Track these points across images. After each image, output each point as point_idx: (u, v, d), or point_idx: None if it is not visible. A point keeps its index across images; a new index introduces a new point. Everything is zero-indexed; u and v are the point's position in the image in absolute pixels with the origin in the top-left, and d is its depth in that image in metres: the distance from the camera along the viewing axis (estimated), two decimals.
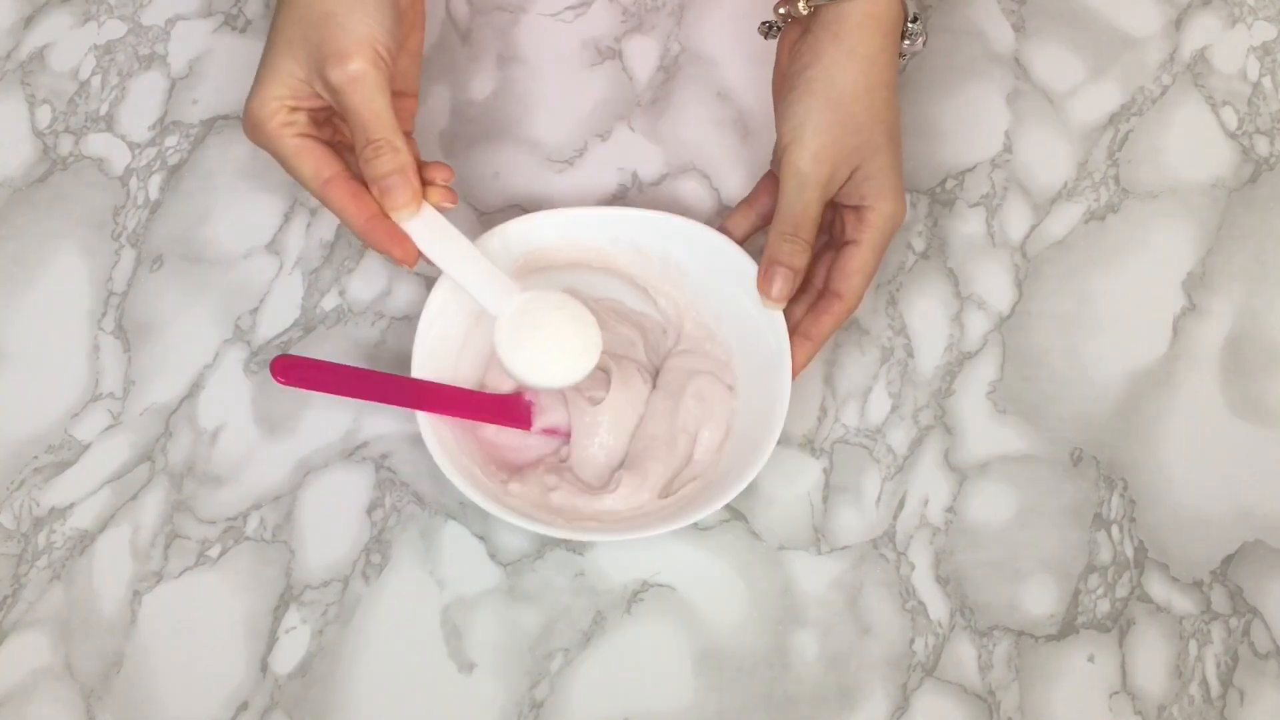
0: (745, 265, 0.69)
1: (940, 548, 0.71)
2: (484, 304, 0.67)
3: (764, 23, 0.73)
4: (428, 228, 0.66)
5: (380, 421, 0.72)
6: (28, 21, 0.80)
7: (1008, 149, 0.78)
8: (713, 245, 0.70)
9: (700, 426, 0.70)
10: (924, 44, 0.70)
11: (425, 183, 0.66)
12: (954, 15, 0.81)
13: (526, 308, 0.67)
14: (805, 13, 0.69)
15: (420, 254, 0.66)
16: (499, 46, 0.80)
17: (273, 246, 0.76)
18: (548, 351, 0.67)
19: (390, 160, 0.64)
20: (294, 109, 0.65)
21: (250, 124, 0.65)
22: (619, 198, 0.77)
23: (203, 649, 0.69)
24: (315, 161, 0.65)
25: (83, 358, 0.74)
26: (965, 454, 0.72)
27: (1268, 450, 0.73)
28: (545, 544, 0.70)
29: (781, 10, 0.70)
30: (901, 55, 0.70)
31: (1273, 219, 0.77)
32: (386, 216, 0.65)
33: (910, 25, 0.69)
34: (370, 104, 0.63)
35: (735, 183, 0.77)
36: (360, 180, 0.65)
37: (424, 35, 0.71)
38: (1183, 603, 0.70)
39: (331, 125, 0.68)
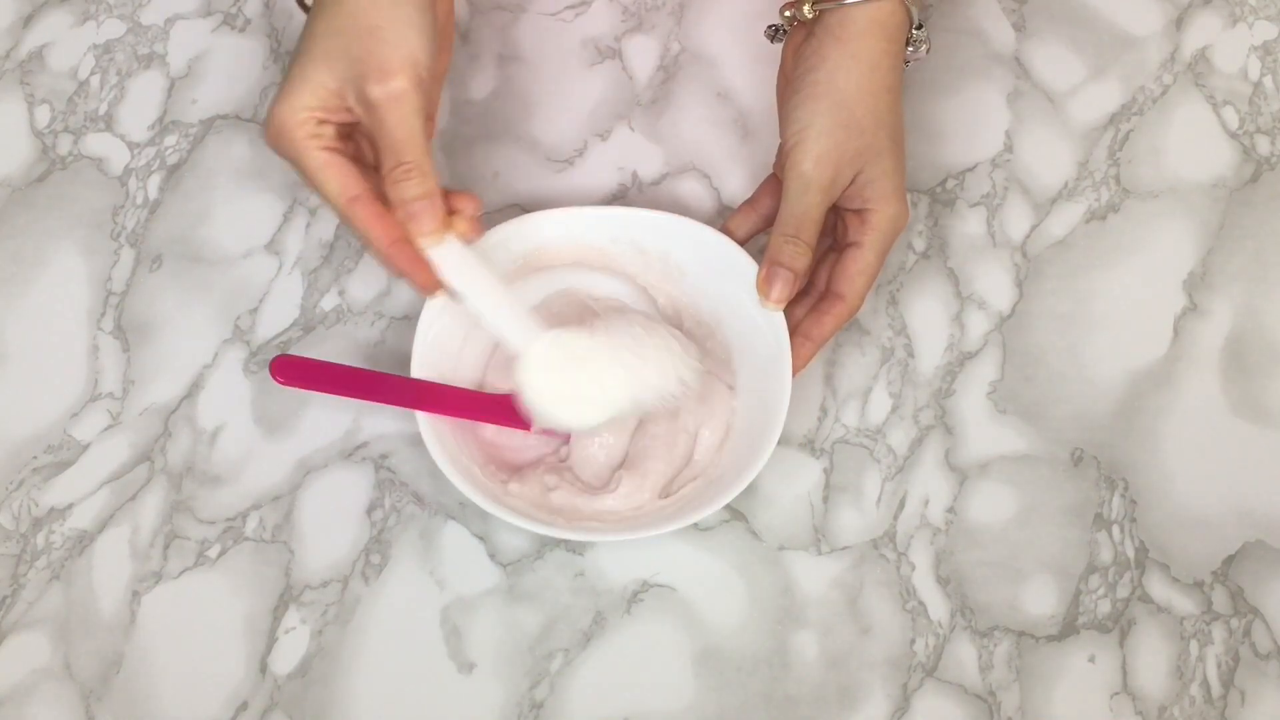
0: (745, 265, 0.69)
1: (941, 548, 0.71)
2: (506, 339, 0.66)
3: (770, 26, 0.73)
4: (451, 256, 0.64)
5: (380, 421, 0.72)
6: (27, 21, 0.80)
7: (1008, 149, 0.78)
8: (713, 245, 0.70)
9: (700, 426, 0.70)
10: (927, 51, 0.70)
11: (450, 211, 0.64)
12: (954, 15, 0.81)
13: (553, 349, 0.66)
14: (810, 16, 0.69)
15: (441, 283, 0.64)
16: (499, 46, 0.80)
17: (272, 246, 0.76)
18: (576, 397, 0.66)
19: (420, 185, 0.62)
20: (322, 121, 0.63)
21: (274, 131, 0.63)
22: (619, 198, 0.77)
23: (202, 649, 0.69)
24: (342, 178, 0.63)
25: (82, 358, 0.74)
26: (966, 454, 0.72)
27: (1268, 450, 0.73)
28: (545, 544, 0.70)
29: (787, 13, 0.70)
30: (905, 62, 0.70)
31: (1273, 219, 0.77)
32: (410, 242, 0.63)
33: (915, 32, 0.69)
34: (407, 124, 0.61)
35: (735, 183, 0.77)
36: (384, 201, 0.63)
37: (450, 59, 0.69)
38: (1184, 603, 0.70)
39: (354, 142, 0.66)
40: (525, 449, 0.71)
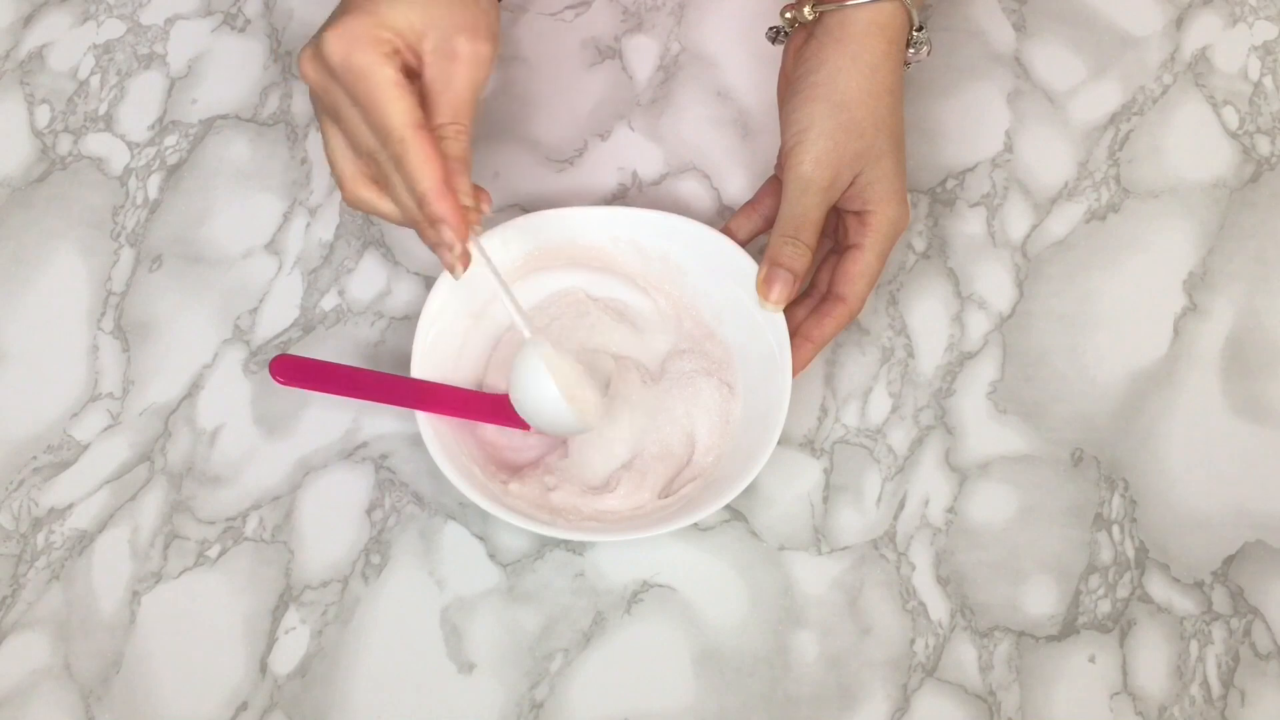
0: (745, 265, 0.69)
1: (941, 548, 0.71)
2: (517, 320, 0.65)
3: (771, 28, 0.73)
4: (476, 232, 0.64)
5: (380, 421, 0.72)
6: (27, 21, 0.80)
7: (1008, 149, 0.78)
8: (713, 245, 0.70)
9: (700, 426, 0.70)
10: (928, 53, 0.70)
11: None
12: (954, 15, 0.81)
13: (554, 349, 0.65)
14: (810, 18, 0.69)
15: (470, 238, 0.63)
16: (499, 46, 0.80)
17: (272, 246, 0.76)
18: (576, 397, 0.65)
19: (466, 148, 0.62)
20: (396, 51, 0.61)
21: (344, 43, 0.59)
22: (619, 197, 0.77)
23: (202, 649, 0.69)
24: (412, 102, 0.60)
25: (82, 358, 0.74)
26: (966, 454, 0.72)
27: (1268, 450, 0.72)
28: (545, 544, 0.70)
29: (787, 15, 0.70)
30: (906, 64, 0.70)
31: (1274, 219, 0.77)
32: (454, 189, 0.62)
33: (915, 34, 0.69)
34: (475, 89, 0.62)
35: (735, 182, 0.77)
36: None
37: None
38: (1184, 603, 0.70)
39: None
40: (525, 449, 0.71)
